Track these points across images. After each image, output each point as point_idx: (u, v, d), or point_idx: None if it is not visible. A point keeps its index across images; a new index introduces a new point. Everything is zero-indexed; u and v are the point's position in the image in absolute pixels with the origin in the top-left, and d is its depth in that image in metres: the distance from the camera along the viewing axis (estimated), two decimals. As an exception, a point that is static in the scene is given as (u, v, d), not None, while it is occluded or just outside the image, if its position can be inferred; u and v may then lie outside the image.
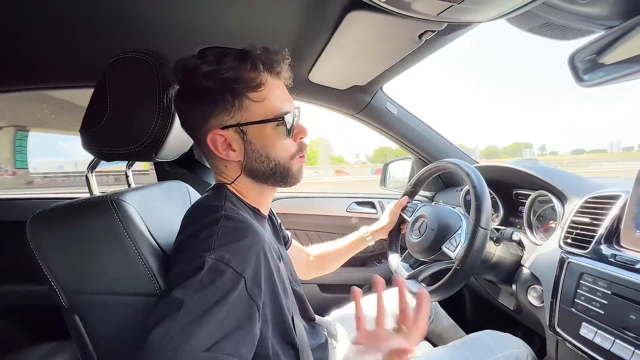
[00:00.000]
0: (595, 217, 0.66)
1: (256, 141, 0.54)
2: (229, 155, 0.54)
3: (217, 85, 0.50)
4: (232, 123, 0.52)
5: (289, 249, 0.86)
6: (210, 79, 0.50)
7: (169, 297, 0.41)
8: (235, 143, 0.53)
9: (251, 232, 0.48)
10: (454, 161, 0.82)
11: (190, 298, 0.40)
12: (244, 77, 0.51)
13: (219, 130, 0.52)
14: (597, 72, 0.55)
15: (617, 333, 0.53)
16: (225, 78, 0.50)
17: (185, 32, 0.81)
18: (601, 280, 0.58)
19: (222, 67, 0.50)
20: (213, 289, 0.41)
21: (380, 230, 0.95)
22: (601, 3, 0.50)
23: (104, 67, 0.58)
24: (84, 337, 0.53)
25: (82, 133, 0.59)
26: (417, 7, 0.53)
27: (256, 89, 0.52)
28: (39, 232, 0.51)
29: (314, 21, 0.74)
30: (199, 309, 0.40)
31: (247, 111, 0.52)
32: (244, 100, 0.52)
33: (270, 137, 0.54)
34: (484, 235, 0.67)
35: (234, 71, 0.50)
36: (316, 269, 0.94)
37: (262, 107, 0.53)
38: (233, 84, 0.51)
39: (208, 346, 0.39)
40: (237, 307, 0.43)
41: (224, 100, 0.51)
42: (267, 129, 0.54)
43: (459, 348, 0.76)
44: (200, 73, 0.50)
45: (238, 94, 0.51)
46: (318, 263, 0.94)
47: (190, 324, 0.39)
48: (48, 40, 0.83)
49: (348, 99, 1.19)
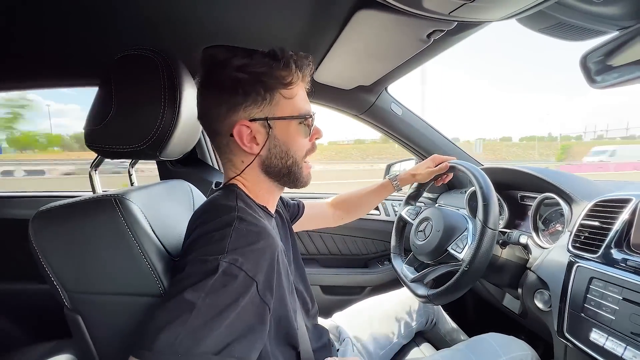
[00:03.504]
0: (605, 221, 0.66)
1: (280, 136, 0.55)
2: (252, 148, 0.54)
3: (250, 77, 0.51)
4: (261, 116, 0.53)
5: (307, 209, 0.88)
6: (243, 71, 0.51)
7: (180, 298, 0.40)
8: (260, 136, 0.54)
9: (265, 236, 0.48)
10: (460, 163, 0.82)
11: (203, 301, 0.40)
12: (277, 73, 0.52)
13: (247, 121, 0.52)
14: (610, 73, 0.54)
15: (629, 339, 0.52)
16: (258, 72, 0.51)
17: (191, 30, 0.81)
18: (612, 285, 0.57)
19: (254, 62, 0.51)
20: (225, 292, 0.41)
21: (409, 177, 0.90)
22: (616, 3, 0.49)
23: (109, 65, 0.58)
24: (86, 337, 0.52)
25: (87, 130, 0.58)
26: (428, 4, 0.52)
27: (287, 86, 0.53)
28: (42, 230, 0.50)
29: (321, 20, 0.73)
30: (210, 312, 0.40)
31: (277, 106, 0.53)
32: (275, 95, 0.53)
33: (293, 134, 0.55)
34: (492, 236, 0.66)
35: (266, 67, 0.51)
36: (342, 215, 0.95)
37: (290, 104, 0.54)
38: (267, 78, 0.51)
39: (219, 349, 0.39)
40: (248, 310, 0.43)
41: (257, 92, 0.52)
42: (292, 126, 0.55)
43: (462, 351, 0.75)
44: (234, 65, 0.51)
45: (270, 89, 0.52)
46: (343, 209, 0.95)
47: (201, 327, 0.39)
48: (53, 38, 0.82)
49: (353, 99, 1.18)
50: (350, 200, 0.94)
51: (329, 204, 0.94)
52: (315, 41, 0.83)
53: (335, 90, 1.13)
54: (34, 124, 46.71)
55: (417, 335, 0.95)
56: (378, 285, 1.33)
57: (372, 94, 1.16)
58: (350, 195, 0.94)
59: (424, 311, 0.96)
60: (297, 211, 0.85)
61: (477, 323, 1.26)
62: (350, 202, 0.94)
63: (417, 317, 0.94)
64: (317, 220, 0.92)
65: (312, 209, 0.90)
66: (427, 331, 0.98)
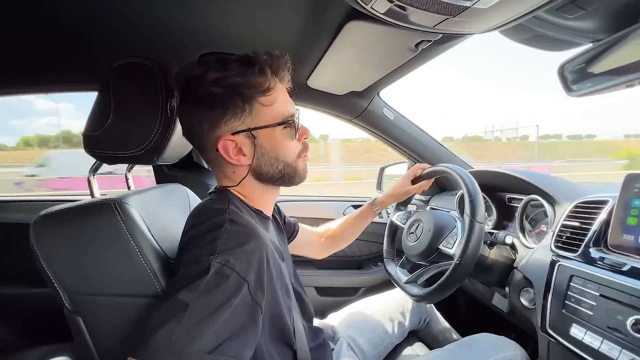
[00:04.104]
0: (584, 221, 0.69)
1: (266, 144, 0.54)
2: (240, 160, 0.54)
3: (227, 91, 0.50)
4: (243, 128, 0.52)
5: (299, 234, 0.88)
6: (219, 85, 0.50)
7: (175, 299, 0.42)
8: (246, 147, 0.54)
9: (254, 237, 0.49)
10: (447, 166, 0.85)
11: (196, 301, 0.41)
12: (253, 82, 0.51)
13: (230, 136, 0.52)
14: (585, 82, 0.57)
15: (605, 333, 0.55)
16: (234, 84, 0.50)
17: (187, 38, 0.83)
18: (590, 282, 0.60)
19: (229, 73, 0.50)
20: (218, 292, 0.42)
21: (387, 198, 0.93)
22: (588, 18, 0.52)
23: (108, 72, 0.59)
24: (86, 338, 0.53)
25: (85, 136, 0.60)
26: (414, 19, 0.55)
27: (265, 93, 0.52)
28: (44, 234, 0.52)
29: (314, 29, 0.76)
30: (203, 311, 0.41)
31: (258, 115, 0.53)
32: (254, 104, 0.52)
33: (279, 139, 0.55)
34: (480, 229, 0.68)
35: (242, 77, 0.50)
36: (329, 248, 0.96)
37: (271, 110, 0.54)
38: (243, 89, 0.51)
39: (212, 348, 0.40)
40: (241, 310, 0.44)
41: (235, 105, 0.51)
42: (277, 131, 0.55)
43: (455, 351, 0.77)
44: (208, 80, 0.50)
45: (248, 99, 0.52)
46: (329, 242, 0.96)
47: (195, 326, 0.40)
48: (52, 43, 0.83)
49: (346, 104, 1.21)
50: (335, 234, 0.96)
51: (319, 235, 0.95)
52: (308, 49, 0.86)
53: (328, 96, 1.16)
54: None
55: (410, 334, 0.97)
56: (372, 286, 1.35)
57: (364, 99, 1.19)
58: (335, 230, 0.96)
59: (417, 311, 0.98)
60: (291, 231, 0.86)
61: (468, 322, 1.28)
62: (335, 236, 0.96)
63: (411, 316, 0.95)
64: (305, 247, 0.93)
65: (305, 234, 0.90)
66: (420, 330, 1.01)
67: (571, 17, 0.51)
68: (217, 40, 0.84)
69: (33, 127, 51.33)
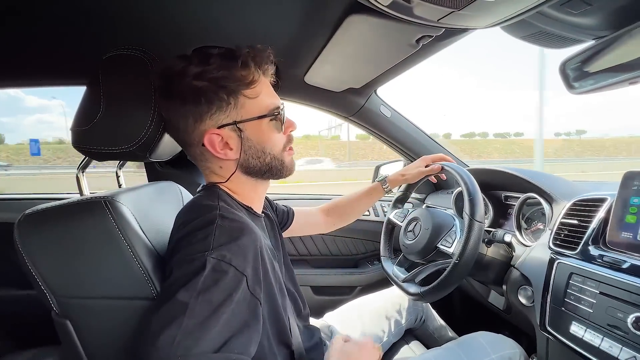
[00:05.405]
0: (583, 219, 0.69)
1: (253, 137, 0.54)
2: (227, 154, 0.54)
3: (211, 84, 0.50)
4: (229, 121, 0.52)
5: (296, 218, 0.87)
6: (202, 79, 0.49)
7: (173, 300, 0.40)
8: (232, 141, 0.53)
9: (247, 231, 0.48)
10: (445, 163, 0.84)
11: (195, 300, 0.40)
12: (236, 75, 0.51)
13: (215, 129, 0.52)
14: (587, 79, 0.57)
15: (605, 331, 0.56)
16: (217, 77, 0.50)
17: (181, 32, 0.80)
18: (590, 280, 0.60)
19: (212, 67, 0.50)
20: (217, 289, 0.41)
21: (398, 178, 0.90)
22: (592, 15, 0.52)
23: (98, 64, 0.57)
24: (76, 343, 0.51)
25: (74, 131, 0.57)
26: (418, 12, 0.54)
27: (249, 86, 0.52)
28: (29, 234, 0.49)
29: (313, 23, 0.74)
30: (205, 310, 0.40)
31: (243, 108, 0.53)
32: (239, 97, 0.52)
33: (266, 132, 0.55)
34: (479, 228, 0.68)
35: (225, 70, 0.50)
36: (335, 222, 0.95)
37: (256, 103, 0.53)
38: (227, 82, 0.50)
39: (218, 347, 0.39)
40: (242, 305, 0.43)
41: (220, 98, 0.51)
42: (263, 124, 0.54)
43: (453, 349, 0.77)
44: (190, 74, 0.49)
45: (233, 92, 0.51)
46: (336, 216, 0.94)
47: (197, 326, 0.39)
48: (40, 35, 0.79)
49: (343, 101, 1.19)
50: (342, 206, 0.95)
51: (321, 211, 0.95)
52: (307, 45, 0.84)
53: (325, 93, 1.14)
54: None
55: (406, 332, 0.97)
56: (368, 285, 1.35)
57: (361, 96, 1.18)
58: (342, 201, 0.95)
59: (413, 309, 0.98)
60: (286, 218, 0.85)
61: (464, 320, 1.29)
62: (342, 208, 0.95)
63: (407, 315, 0.95)
64: (308, 227, 0.92)
65: (303, 217, 0.90)
66: (417, 329, 1.01)
67: (576, 12, 0.50)
68: (212, 34, 0.81)
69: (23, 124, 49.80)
